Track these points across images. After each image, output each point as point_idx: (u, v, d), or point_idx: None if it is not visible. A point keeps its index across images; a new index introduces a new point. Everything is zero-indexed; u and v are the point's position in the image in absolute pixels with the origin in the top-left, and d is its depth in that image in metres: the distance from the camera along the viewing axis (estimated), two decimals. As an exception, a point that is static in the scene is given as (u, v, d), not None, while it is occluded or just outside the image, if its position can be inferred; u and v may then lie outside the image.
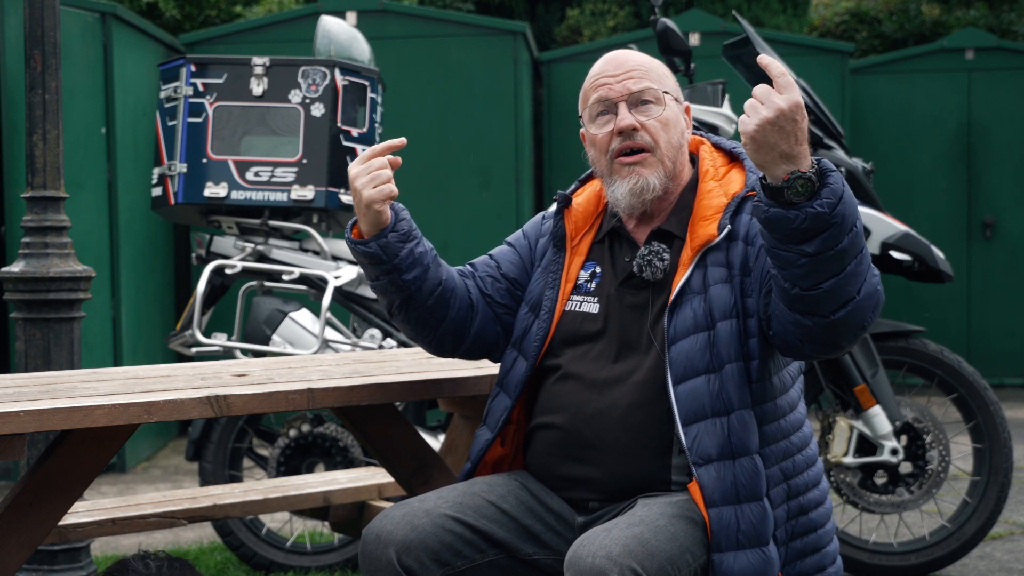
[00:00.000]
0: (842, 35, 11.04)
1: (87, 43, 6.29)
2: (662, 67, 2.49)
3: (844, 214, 2.08)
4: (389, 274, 2.46)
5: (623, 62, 2.45)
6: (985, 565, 4.35)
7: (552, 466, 2.45)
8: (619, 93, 2.41)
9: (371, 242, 2.43)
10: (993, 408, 4.13)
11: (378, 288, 2.50)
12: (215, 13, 9.14)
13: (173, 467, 6.57)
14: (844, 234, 2.09)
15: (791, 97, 2.06)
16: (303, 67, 4.34)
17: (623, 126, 2.40)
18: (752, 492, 2.28)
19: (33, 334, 3.64)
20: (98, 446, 2.50)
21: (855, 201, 2.12)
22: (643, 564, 2.11)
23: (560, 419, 2.43)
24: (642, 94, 2.41)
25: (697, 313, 2.32)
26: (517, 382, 2.49)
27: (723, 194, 2.40)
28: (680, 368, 2.30)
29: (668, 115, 2.42)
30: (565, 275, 2.50)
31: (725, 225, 2.36)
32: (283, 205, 4.29)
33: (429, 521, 2.32)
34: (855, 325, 2.19)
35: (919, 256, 4.11)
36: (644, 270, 2.41)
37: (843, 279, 2.12)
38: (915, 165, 8.65)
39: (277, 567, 4.35)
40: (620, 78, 2.42)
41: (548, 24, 10.95)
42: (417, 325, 2.53)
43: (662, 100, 2.42)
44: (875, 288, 2.19)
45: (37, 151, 3.67)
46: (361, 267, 2.57)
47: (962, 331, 8.63)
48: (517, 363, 2.51)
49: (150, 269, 6.92)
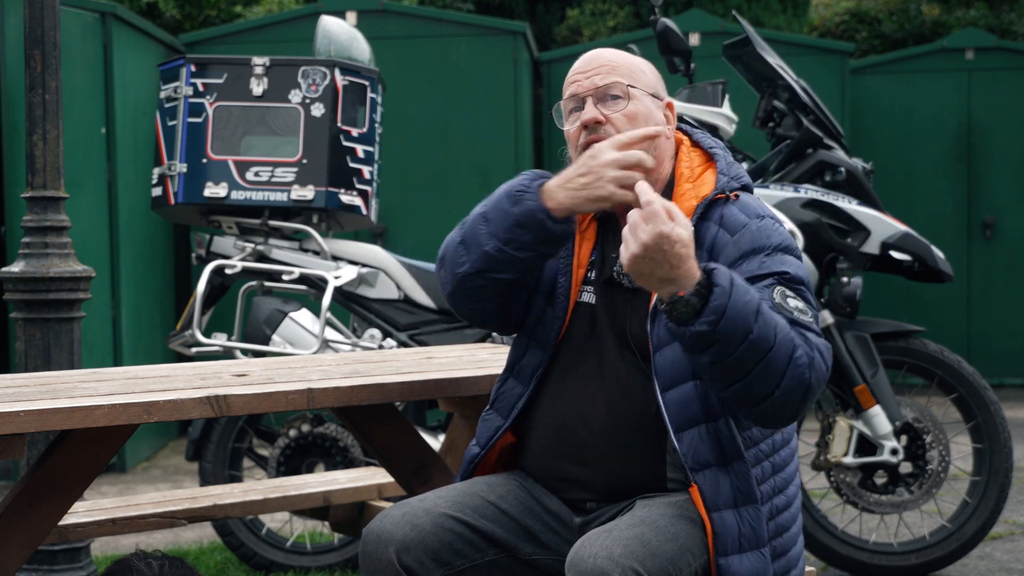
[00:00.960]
0: (842, 35, 11.04)
1: (87, 43, 6.29)
2: (639, 64, 2.47)
3: (729, 330, 2.08)
4: (541, 256, 2.37)
5: (594, 59, 2.45)
6: (985, 565, 4.35)
7: (548, 466, 2.44)
8: (586, 88, 2.42)
9: (563, 224, 2.32)
10: (993, 408, 4.13)
11: (510, 258, 2.34)
12: (215, 13, 9.14)
13: (173, 467, 6.57)
14: (735, 346, 2.10)
15: (654, 229, 2.07)
16: (303, 67, 4.34)
17: (586, 119, 2.40)
18: (748, 495, 2.28)
19: (33, 334, 3.64)
20: (98, 446, 2.50)
21: (749, 307, 2.10)
22: (644, 564, 2.11)
23: (555, 418, 2.42)
24: (608, 88, 2.41)
25: None
26: (530, 370, 2.45)
27: (694, 196, 2.38)
28: (668, 376, 2.28)
29: (635, 109, 2.40)
30: (577, 260, 2.46)
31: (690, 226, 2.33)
32: (283, 205, 4.29)
33: (429, 520, 2.32)
34: (785, 414, 2.21)
35: (919, 256, 4.11)
36: (622, 277, 2.39)
37: (751, 382, 2.14)
38: (915, 165, 8.65)
39: (277, 567, 4.35)
40: (589, 74, 2.43)
41: (548, 24, 10.96)
42: (491, 296, 2.42)
43: (629, 94, 2.41)
44: (801, 379, 2.16)
45: (37, 151, 3.66)
46: (507, 229, 2.32)
47: (962, 331, 8.63)
48: (531, 351, 2.47)
49: (150, 269, 6.92)
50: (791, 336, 2.16)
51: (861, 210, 4.10)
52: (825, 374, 2.22)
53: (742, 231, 2.31)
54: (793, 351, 2.15)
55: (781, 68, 4.20)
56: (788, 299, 2.24)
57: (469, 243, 2.38)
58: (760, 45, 4.17)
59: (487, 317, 2.49)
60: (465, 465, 2.53)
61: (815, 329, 2.24)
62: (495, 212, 2.35)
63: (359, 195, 4.36)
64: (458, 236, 2.42)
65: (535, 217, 2.30)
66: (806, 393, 2.18)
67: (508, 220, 2.32)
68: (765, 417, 2.21)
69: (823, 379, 2.21)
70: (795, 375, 2.15)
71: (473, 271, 2.37)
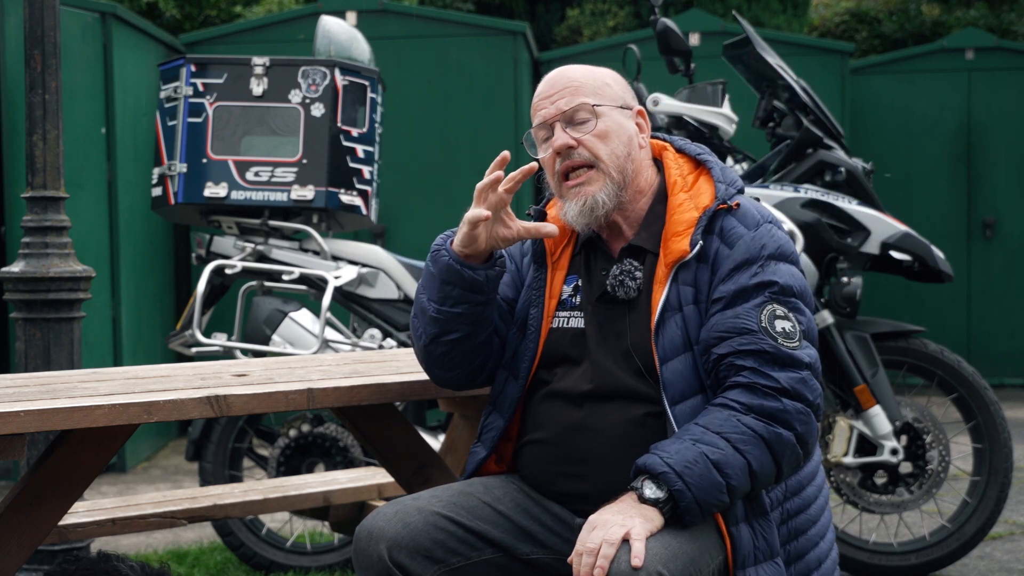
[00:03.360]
0: (842, 35, 11.04)
1: (87, 43, 6.29)
2: (602, 77, 2.45)
3: (694, 506, 2.16)
4: (477, 305, 2.40)
5: (556, 81, 2.43)
6: (985, 565, 4.35)
7: (545, 482, 2.44)
8: (553, 114, 2.40)
9: (480, 270, 2.38)
10: (993, 408, 4.13)
11: (449, 315, 2.40)
12: (215, 13, 9.14)
13: (173, 467, 6.57)
14: (711, 505, 2.18)
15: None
16: (303, 67, 4.34)
17: (558, 146, 2.39)
18: (759, 506, 2.29)
19: (33, 334, 3.64)
20: (98, 446, 2.50)
21: (708, 479, 2.15)
22: (668, 566, 2.11)
23: (550, 435, 2.42)
24: (575, 112, 2.39)
25: (681, 331, 2.31)
26: (510, 402, 2.47)
27: (694, 207, 2.37)
28: (677, 388, 2.29)
29: (606, 126, 2.39)
30: (548, 291, 2.48)
31: (697, 241, 2.33)
32: (283, 205, 4.29)
33: (421, 519, 2.32)
34: (799, 465, 2.30)
35: (919, 256, 4.10)
36: (617, 289, 2.39)
37: (754, 489, 2.23)
38: (915, 165, 8.65)
39: (277, 567, 4.35)
40: (553, 98, 2.41)
41: (548, 24, 10.96)
42: (459, 358, 2.46)
43: (596, 113, 2.39)
44: (794, 454, 2.24)
45: (37, 151, 3.67)
46: (436, 288, 2.40)
47: (962, 331, 8.63)
48: (508, 384, 2.49)
49: (150, 269, 6.92)
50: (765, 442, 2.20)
51: (861, 210, 4.10)
52: (812, 421, 2.26)
53: (737, 243, 2.33)
54: (773, 448, 2.21)
55: (781, 68, 4.20)
56: (776, 321, 2.26)
57: (419, 314, 2.46)
58: (760, 45, 4.17)
59: (464, 381, 2.52)
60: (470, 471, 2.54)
61: (796, 357, 2.25)
62: (425, 278, 2.43)
63: (359, 195, 4.36)
64: (413, 311, 2.49)
65: (452, 270, 2.37)
66: (805, 447, 2.26)
67: (435, 281, 2.40)
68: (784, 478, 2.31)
69: (812, 427, 2.26)
70: (788, 459, 2.24)
71: (429, 339, 2.44)
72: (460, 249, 2.37)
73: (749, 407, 2.21)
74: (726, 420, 2.20)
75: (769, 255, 2.32)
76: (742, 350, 2.24)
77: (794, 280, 2.32)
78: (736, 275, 2.30)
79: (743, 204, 2.39)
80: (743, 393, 2.22)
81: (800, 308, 2.31)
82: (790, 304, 2.29)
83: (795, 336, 2.26)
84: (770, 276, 2.29)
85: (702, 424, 2.20)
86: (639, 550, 2.08)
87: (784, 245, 2.35)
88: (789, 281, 2.31)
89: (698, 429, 2.20)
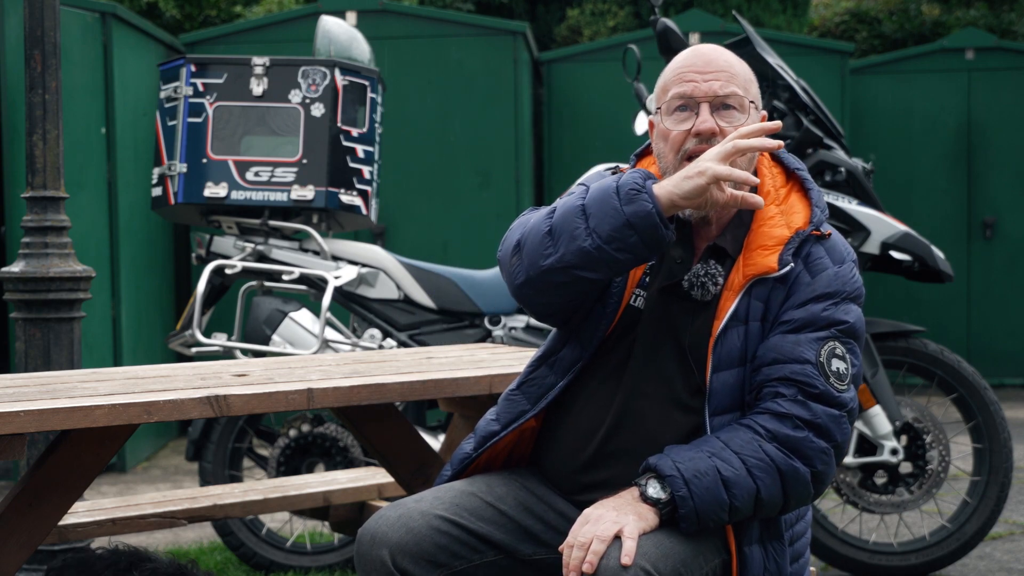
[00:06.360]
0: (842, 35, 11.04)
1: (87, 43, 6.29)
2: (749, 72, 2.37)
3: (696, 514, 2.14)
4: (643, 260, 2.23)
5: (712, 59, 2.32)
6: (985, 565, 4.35)
7: (571, 469, 2.39)
8: (704, 93, 2.29)
9: (671, 230, 2.19)
10: (993, 408, 4.13)
11: (608, 258, 2.18)
12: (215, 13, 9.14)
13: (173, 467, 6.57)
14: (710, 520, 2.16)
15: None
16: (303, 67, 4.34)
17: (703, 129, 2.28)
18: (776, 530, 2.28)
19: (33, 334, 3.64)
20: (98, 446, 2.50)
21: (713, 493, 2.14)
22: (657, 566, 2.10)
23: (586, 422, 2.36)
24: (727, 99, 2.29)
25: (740, 344, 2.25)
26: (569, 364, 2.37)
27: (785, 225, 2.28)
28: (720, 400, 2.24)
29: (748, 125, 2.28)
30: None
31: (788, 262, 2.24)
32: (283, 205, 4.29)
33: (424, 523, 2.29)
34: (810, 500, 2.26)
35: (919, 256, 4.11)
36: (695, 288, 2.29)
37: (755, 514, 2.20)
38: (915, 165, 8.65)
39: (277, 567, 4.35)
40: (707, 77, 2.30)
41: (548, 24, 10.96)
42: (572, 294, 2.28)
43: (746, 108, 2.31)
44: (806, 491, 2.21)
45: (37, 151, 3.67)
46: (614, 228, 2.16)
47: (962, 331, 8.63)
48: (571, 346, 2.38)
49: (150, 269, 6.92)
50: (780, 473, 2.18)
51: (861, 210, 4.10)
52: (832, 463, 2.22)
53: (821, 275, 2.27)
54: (786, 480, 2.18)
55: (781, 68, 4.19)
56: (833, 360, 2.22)
57: (559, 236, 2.21)
58: (760, 45, 4.17)
59: (553, 311, 2.35)
60: (457, 464, 2.47)
61: (840, 399, 2.21)
62: (600, 208, 2.18)
63: (359, 195, 4.36)
64: (544, 225, 2.24)
65: (650, 220, 2.15)
66: (819, 487, 2.23)
67: (617, 219, 2.16)
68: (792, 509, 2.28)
69: (831, 468, 2.23)
70: (798, 495, 2.20)
71: (560, 266, 2.21)
72: (681, 201, 2.17)
73: (774, 435, 2.18)
74: (748, 443, 2.17)
75: (848, 295, 2.28)
76: (791, 378, 2.20)
77: (860, 325, 2.29)
78: (811, 305, 2.25)
79: (834, 235, 2.34)
80: (772, 420, 2.19)
81: (856, 352, 2.28)
82: (849, 346, 2.26)
83: (846, 378, 2.23)
84: (843, 315, 2.25)
85: (723, 440, 2.18)
86: (630, 548, 2.07)
87: (861, 288, 2.32)
88: (857, 324, 2.28)
89: (717, 443, 2.17)
